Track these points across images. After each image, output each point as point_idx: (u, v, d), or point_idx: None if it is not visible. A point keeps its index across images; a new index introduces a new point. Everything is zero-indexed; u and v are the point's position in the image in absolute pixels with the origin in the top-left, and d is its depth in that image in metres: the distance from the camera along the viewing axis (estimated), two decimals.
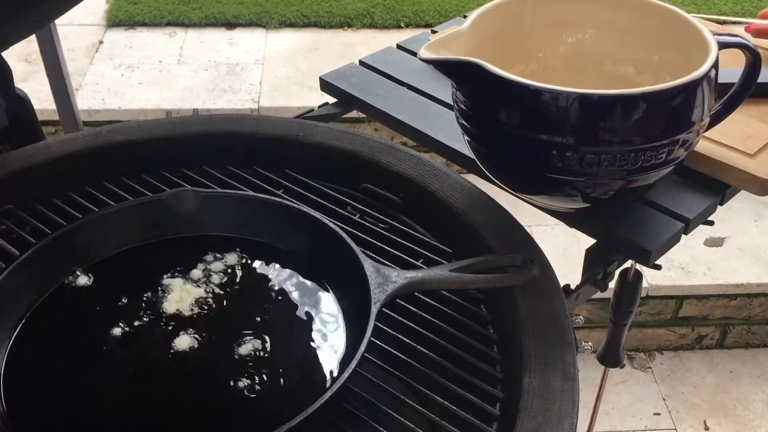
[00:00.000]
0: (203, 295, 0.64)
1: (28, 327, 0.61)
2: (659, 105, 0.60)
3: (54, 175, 0.76)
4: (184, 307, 0.63)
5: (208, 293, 0.65)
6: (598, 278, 0.72)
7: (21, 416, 0.55)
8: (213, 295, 0.65)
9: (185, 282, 0.65)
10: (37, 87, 1.99)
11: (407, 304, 0.64)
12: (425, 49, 0.65)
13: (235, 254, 0.68)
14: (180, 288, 0.64)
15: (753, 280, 1.81)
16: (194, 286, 0.65)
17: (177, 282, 0.65)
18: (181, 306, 0.63)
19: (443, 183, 0.74)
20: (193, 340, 0.60)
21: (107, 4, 2.60)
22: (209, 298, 0.64)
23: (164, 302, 0.63)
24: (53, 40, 1.44)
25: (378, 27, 2.53)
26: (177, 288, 0.64)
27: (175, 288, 0.64)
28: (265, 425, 0.49)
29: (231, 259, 0.68)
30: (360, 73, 0.96)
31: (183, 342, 0.60)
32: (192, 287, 0.65)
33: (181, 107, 2.11)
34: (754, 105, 0.79)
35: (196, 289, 0.65)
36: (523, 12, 0.75)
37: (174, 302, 0.63)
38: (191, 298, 0.64)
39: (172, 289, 0.64)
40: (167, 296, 0.64)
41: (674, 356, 1.90)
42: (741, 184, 0.75)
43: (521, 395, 0.55)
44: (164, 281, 0.65)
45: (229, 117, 0.83)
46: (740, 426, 1.74)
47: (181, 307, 0.63)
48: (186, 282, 0.65)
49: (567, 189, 0.65)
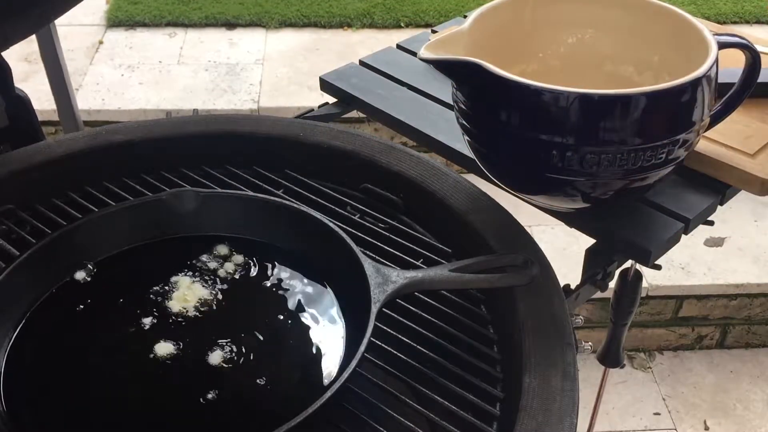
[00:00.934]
0: (203, 295, 0.64)
1: (28, 327, 0.61)
2: (659, 105, 0.60)
3: (54, 175, 0.76)
4: (187, 307, 0.63)
5: (207, 293, 0.65)
6: (598, 278, 0.72)
7: (21, 416, 0.55)
8: (213, 295, 0.65)
9: (187, 282, 0.65)
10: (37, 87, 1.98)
11: (407, 304, 0.64)
12: (425, 49, 0.65)
13: (235, 254, 0.68)
14: (182, 288, 0.64)
15: (753, 280, 1.81)
16: (195, 286, 0.65)
17: (180, 282, 0.65)
18: (183, 306, 0.63)
19: (443, 183, 0.74)
20: (194, 341, 0.60)
21: (107, 4, 2.60)
22: (209, 298, 0.64)
23: (166, 302, 0.63)
24: (53, 40, 1.44)
25: (378, 27, 2.53)
26: (179, 288, 0.64)
27: (178, 288, 0.64)
28: (265, 425, 0.49)
29: (231, 259, 0.68)
30: (360, 73, 0.96)
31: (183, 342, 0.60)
32: (193, 287, 0.65)
33: (181, 107, 2.11)
34: (754, 105, 0.79)
35: (197, 289, 0.65)
36: (523, 12, 0.75)
37: (176, 302, 0.63)
38: (192, 299, 0.64)
39: (175, 288, 0.64)
40: (169, 296, 0.64)
41: (674, 356, 1.90)
42: (741, 184, 0.75)
43: (521, 395, 0.55)
44: (165, 281, 0.65)
45: (229, 117, 0.83)
46: (740, 426, 1.74)
47: (183, 307, 0.63)
48: (187, 282, 0.65)
49: (567, 189, 0.65)
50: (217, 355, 0.60)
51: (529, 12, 0.76)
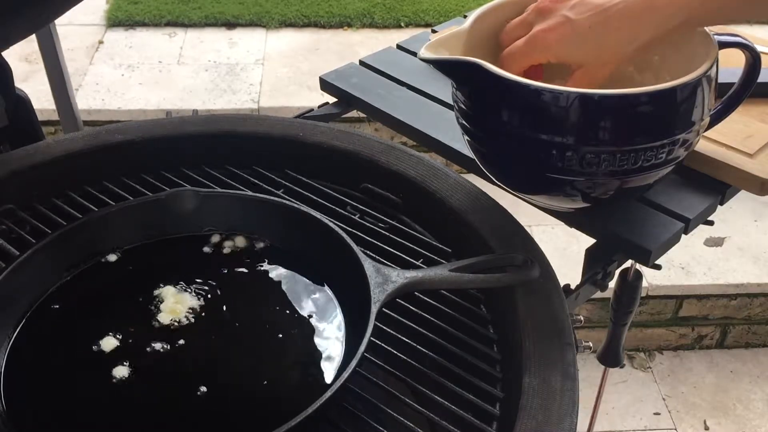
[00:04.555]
0: (203, 295, 0.64)
1: (28, 327, 0.61)
2: (659, 105, 0.60)
3: (54, 175, 0.76)
4: (185, 307, 0.63)
5: (208, 293, 0.65)
6: (598, 278, 0.72)
7: (21, 416, 0.55)
8: (213, 295, 0.65)
9: (186, 282, 0.65)
10: (37, 87, 1.99)
11: (407, 304, 0.64)
12: (425, 49, 0.65)
13: (235, 254, 0.68)
14: (181, 288, 0.64)
15: (753, 280, 1.81)
16: (195, 285, 0.65)
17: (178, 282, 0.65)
18: (182, 306, 0.63)
19: (443, 183, 0.74)
20: (194, 341, 0.60)
21: (107, 4, 2.60)
22: (209, 298, 0.64)
23: (165, 301, 0.63)
24: (53, 40, 1.44)
25: (378, 27, 2.53)
26: (179, 288, 0.64)
27: (177, 287, 0.64)
28: (265, 425, 0.49)
29: (231, 259, 0.68)
30: (360, 73, 0.96)
31: (183, 342, 0.60)
32: (193, 287, 0.65)
33: (181, 107, 2.11)
34: (754, 105, 0.79)
35: (197, 289, 0.65)
36: (523, 12, 0.75)
37: (175, 301, 0.63)
38: (192, 299, 0.64)
39: (173, 288, 0.64)
40: (168, 296, 0.64)
41: (674, 356, 1.90)
42: (741, 184, 0.75)
43: (521, 395, 0.55)
44: (165, 281, 0.65)
45: (229, 117, 0.83)
46: (740, 426, 1.74)
47: (182, 307, 0.63)
48: (187, 281, 0.65)
49: (567, 189, 0.65)
50: (217, 355, 0.60)
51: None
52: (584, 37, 0.61)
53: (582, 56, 0.63)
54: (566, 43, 0.62)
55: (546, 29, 0.63)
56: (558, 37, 0.62)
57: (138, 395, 0.57)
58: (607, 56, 0.63)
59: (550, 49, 0.63)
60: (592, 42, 0.62)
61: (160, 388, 0.58)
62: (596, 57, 0.63)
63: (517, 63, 0.65)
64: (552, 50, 0.63)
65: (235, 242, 0.69)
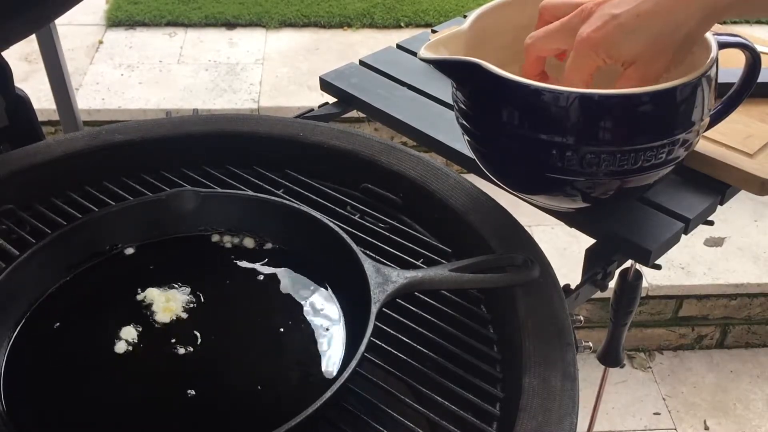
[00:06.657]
0: (203, 295, 0.64)
1: (28, 327, 0.61)
2: (659, 105, 0.60)
3: (54, 175, 0.76)
4: (186, 307, 0.63)
5: (208, 293, 0.65)
6: (598, 278, 0.72)
7: (21, 416, 0.55)
8: (213, 294, 0.65)
9: (186, 281, 0.65)
10: (37, 87, 1.99)
11: (407, 304, 0.64)
12: (425, 49, 0.65)
13: (235, 254, 0.68)
14: (181, 288, 0.65)
15: (753, 280, 1.81)
16: (195, 285, 0.65)
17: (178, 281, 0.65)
18: (182, 306, 0.63)
19: (443, 183, 0.74)
20: (194, 340, 0.60)
21: (107, 4, 2.60)
22: (209, 298, 0.64)
23: (165, 301, 0.63)
24: (53, 40, 1.44)
25: (378, 27, 2.53)
26: (178, 287, 0.64)
27: (177, 287, 0.64)
28: (265, 425, 0.49)
29: (231, 258, 0.68)
30: (360, 73, 0.96)
31: (183, 342, 0.60)
32: (193, 287, 0.65)
33: (181, 107, 2.11)
34: (754, 105, 0.79)
35: (197, 289, 0.65)
36: (523, 12, 0.75)
37: (175, 301, 0.63)
38: (192, 298, 0.64)
39: (174, 288, 0.64)
40: (168, 295, 0.64)
41: (674, 356, 1.90)
42: (741, 184, 0.75)
43: (521, 395, 0.55)
44: (165, 280, 0.65)
45: (229, 117, 0.83)
46: (740, 426, 1.74)
47: (182, 307, 0.63)
48: (187, 281, 0.65)
49: (567, 189, 0.65)
50: (217, 355, 0.60)
51: (529, 12, 0.76)
52: (633, 27, 0.59)
53: (633, 50, 0.60)
54: (615, 38, 0.60)
55: (592, 30, 0.61)
56: (605, 34, 0.60)
57: (138, 395, 0.57)
58: (659, 45, 0.60)
59: (598, 48, 0.61)
60: (643, 31, 0.59)
61: (160, 387, 0.58)
62: (648, 47, 0.60)
63: (580, 71, 0.62)
64: (601, 48, 0.61)
65: (235, 242, 0.69)
